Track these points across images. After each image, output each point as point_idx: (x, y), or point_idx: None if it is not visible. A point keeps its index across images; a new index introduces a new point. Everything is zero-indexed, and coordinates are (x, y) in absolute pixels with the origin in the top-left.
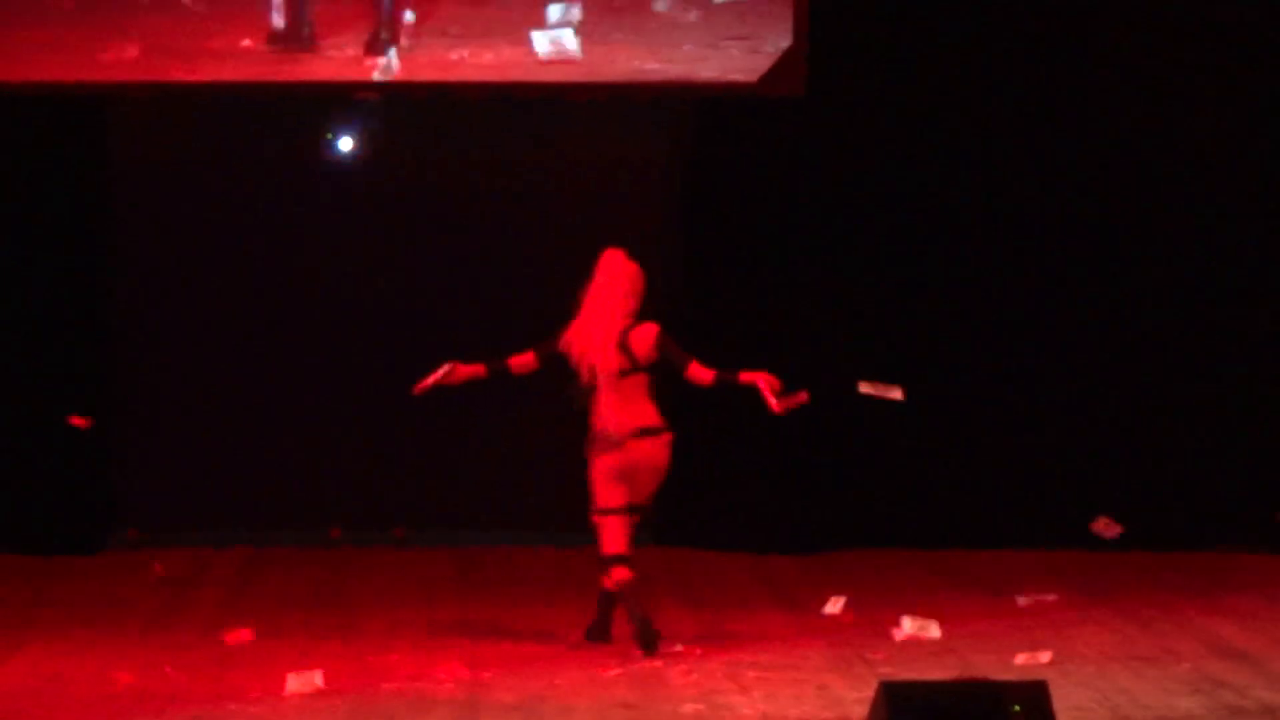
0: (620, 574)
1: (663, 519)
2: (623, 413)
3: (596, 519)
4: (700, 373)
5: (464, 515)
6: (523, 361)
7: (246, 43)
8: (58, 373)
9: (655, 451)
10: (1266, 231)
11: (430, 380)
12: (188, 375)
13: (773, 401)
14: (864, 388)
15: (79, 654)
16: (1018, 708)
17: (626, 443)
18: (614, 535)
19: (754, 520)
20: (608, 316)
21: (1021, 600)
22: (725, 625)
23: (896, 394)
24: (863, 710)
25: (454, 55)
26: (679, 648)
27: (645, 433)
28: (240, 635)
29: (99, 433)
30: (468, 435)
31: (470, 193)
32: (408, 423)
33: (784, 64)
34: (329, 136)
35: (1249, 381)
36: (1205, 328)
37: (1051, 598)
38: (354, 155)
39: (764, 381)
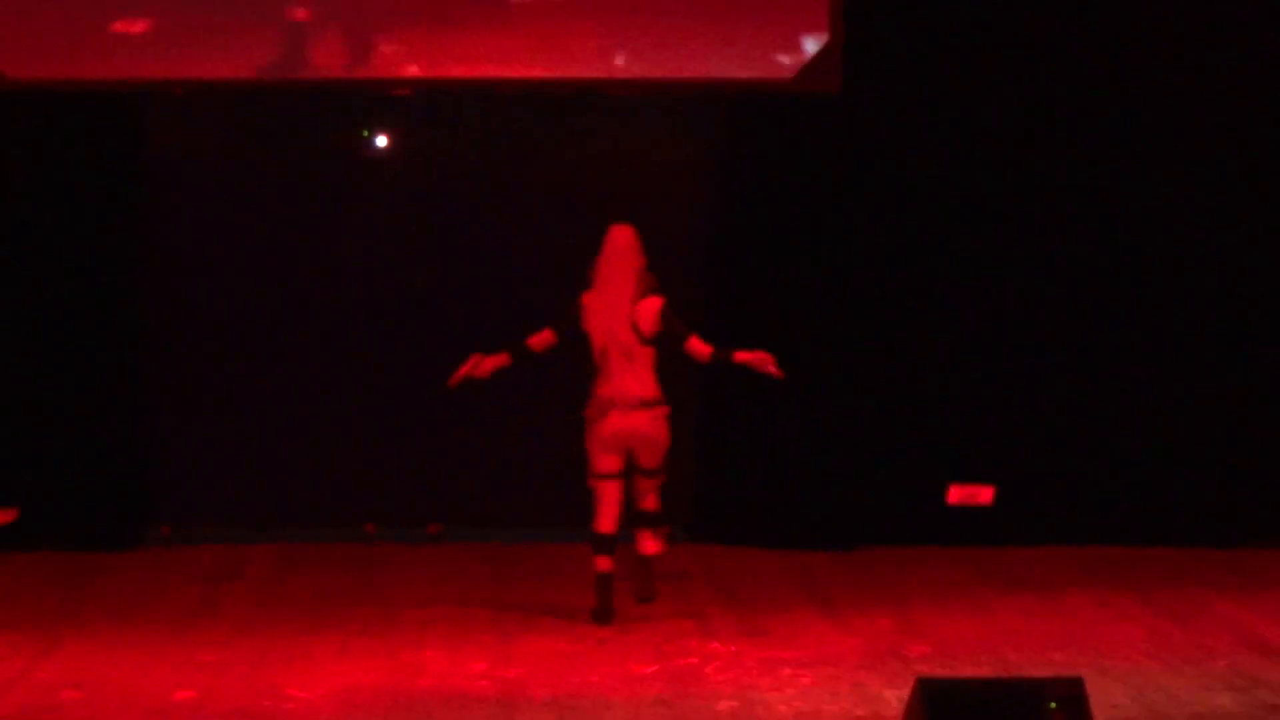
0: (601, 564)
1: (697, 515)
2: (630, 384)
3: (592, 484)
4: (699, 347)
5: (497, 512)
6: (542, 339)
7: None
8: (91, 369)
9: (651, 423)
10: None
11: (460, 373)
12: (220, 371)
13: (775, 371)
14: (954, 495)
15: (114, 652)
16: (1054, 705)
17: (626, 412)
18: (607, 505)
19: (789, 516)
20: (619, 291)
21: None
22: (760, 622)
23: (986, 496)
24: (899, 708)
25: (488, 49)
26: (715, 645)
27: (644, 404)
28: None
29: (133, 429)
30: (502, 431)
31: (503, 190)
32: (442, 419)
33: (819, 60)
34: (365, 133)
35: None
36: (1237, 321)
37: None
38: (389, 151)
39: (759, 360)
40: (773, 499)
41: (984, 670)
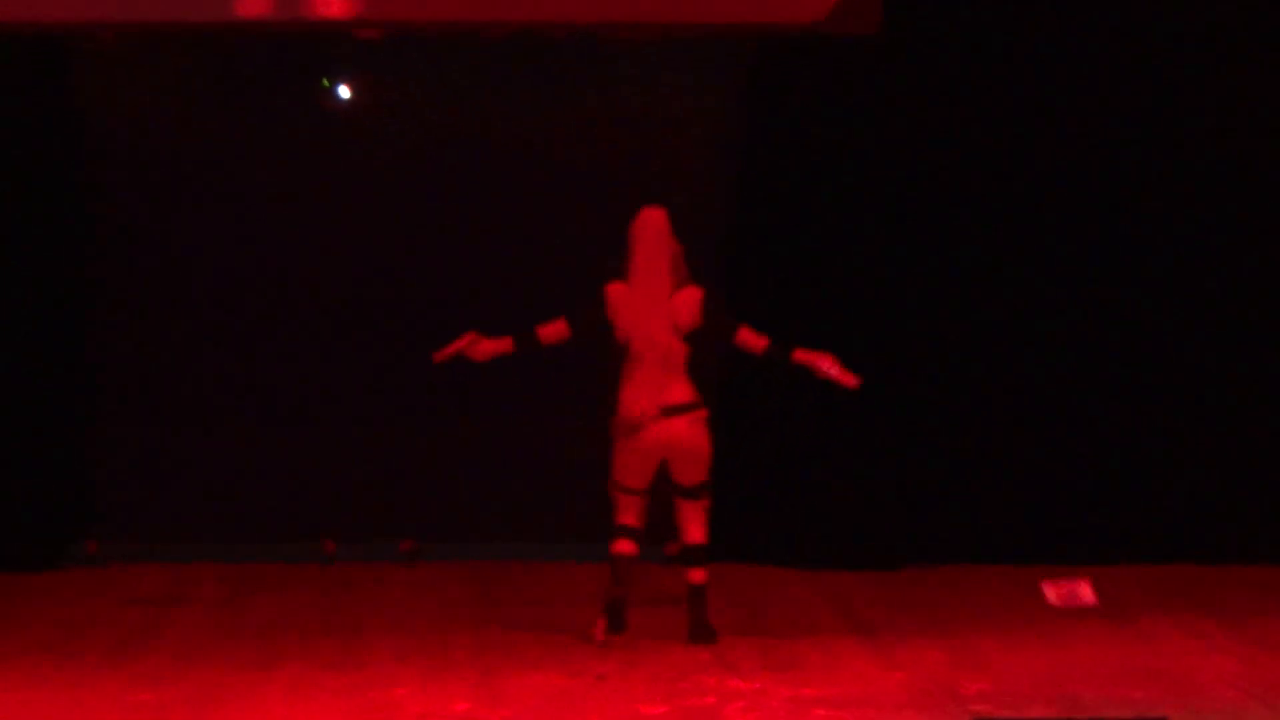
0: (622, 546)
1: (721, 532)
2: (653, 392)
3: (615, 495)
4: (752, 339)
5: (480, 526)
6: (554, 330)
7: None
8: (17, 362)
9: (687, 430)
10: None
11: (450, 349)
12: (160, 363)
13: (846, 378)
14: (1050, 595)
15: (31, 690)
16: None
17: (654, 424)
18: (626, 510)
19: (822, 531)
20: (655, 284)
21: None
22: (789, 654)
23: (1089, 597)
24: None
25: None
26: (735, 681)
27: (676, 410)
28: None
29: (56, 430)
30: (483, 435)
31: (494, 153)
32: (416, 421)
33: None
34: (325, 84)
35: None
36: None
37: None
38: (353, 108)
39: (827, 363)
40: (803, 511)
41: (1052, 710)
